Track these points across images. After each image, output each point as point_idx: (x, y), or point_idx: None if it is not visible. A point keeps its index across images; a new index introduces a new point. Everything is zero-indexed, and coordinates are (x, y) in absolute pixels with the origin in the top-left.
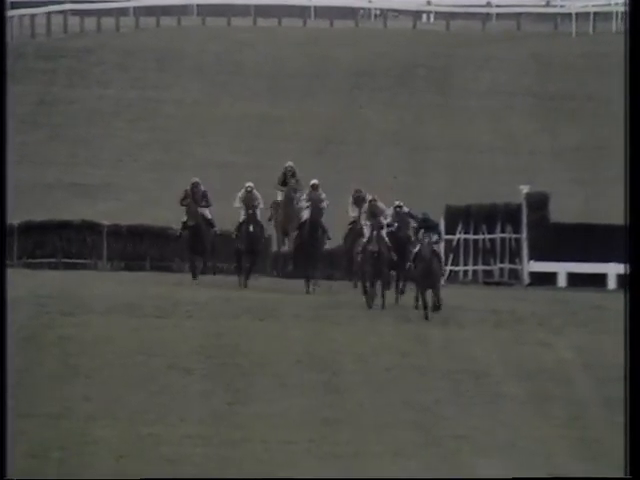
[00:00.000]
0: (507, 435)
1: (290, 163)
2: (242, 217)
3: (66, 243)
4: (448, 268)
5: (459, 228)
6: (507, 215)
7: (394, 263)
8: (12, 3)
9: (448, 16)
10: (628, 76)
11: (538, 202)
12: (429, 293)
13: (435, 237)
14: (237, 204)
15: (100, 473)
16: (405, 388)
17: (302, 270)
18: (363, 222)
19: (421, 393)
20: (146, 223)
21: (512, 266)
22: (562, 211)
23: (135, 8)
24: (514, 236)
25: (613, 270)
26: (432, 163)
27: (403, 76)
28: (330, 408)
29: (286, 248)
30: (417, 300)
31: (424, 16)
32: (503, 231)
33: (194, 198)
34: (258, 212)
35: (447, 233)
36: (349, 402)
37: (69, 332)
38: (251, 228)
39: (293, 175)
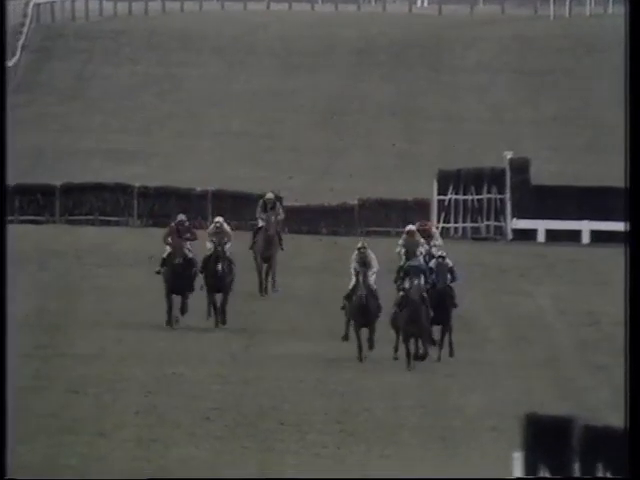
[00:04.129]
0: (491, 374)
1: (270, 195)
2: (209, 252)
3: (101, 203)
4: (440, 225)
5: (450, 190)
6: (493, 178)
7: (436, 318)
8: None
9: (440, 1)
10: (628, 54)
11: (520, 166)
12: (412, 342)
13: (423, 281)
14: (208, 243)
15: (131, 406)
16: None
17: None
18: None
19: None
20: (171, 185)
21: (497, 223)
22: (542, 174)
23: None
24: (499, 197)
25: (587, 227)
26: (426, 132)
27: (399, 54)
28: (335, 351)
29: (264, 275)
30: (397, 350)
31: (419, 1)
32: (489, 192)
33: (179, 235)
34: (227, 248)
35: (439, 194)
36: (352, 347)
37: (103, 282)
38: (219, 267)
39: (273, 206)
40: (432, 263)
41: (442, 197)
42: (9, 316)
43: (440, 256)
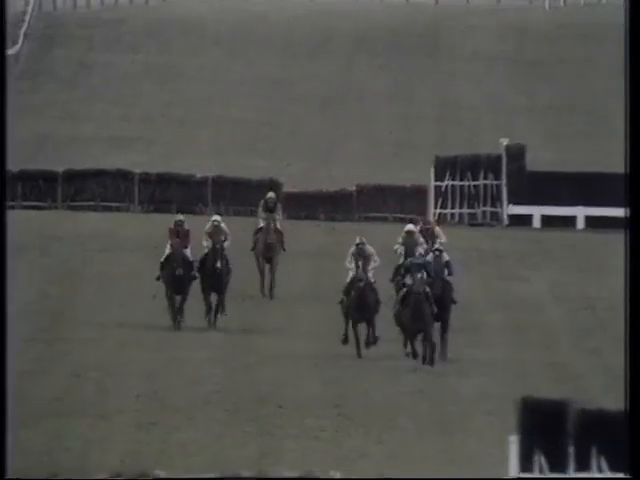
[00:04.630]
0: (488, 358)
1: (271, 194)
2: (206, 250)
3: (103, 189)
4: (437, 211)
5: (447, 176)
6: (489, 164)
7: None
8: None
9: None
10: (628, 42)
11: (516, 153)
12: (418, 340)
13: (425, 276)
14: (204, 241)
15: (132, 390)
16: None
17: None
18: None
19: None
20: (172, 171)
21: (493, 209)
22: (537, 161)
23: None
24: (495, 183)
25: (582, 212)
26: (423, 119)
27: (397, 43)
28: (333, 335)
29: (267, 275)
30: (406, 346)
31: None
32: (485, 178)
33: (178, 236)
34: (225, 246)
35: (436, 180)
36: (349, 330)
37: (105, 267)
38: (218, 264)
39: (274, 205)
40: (429, 257)
41: (439, 183)
42: (12, 301)
43: (437, 249)
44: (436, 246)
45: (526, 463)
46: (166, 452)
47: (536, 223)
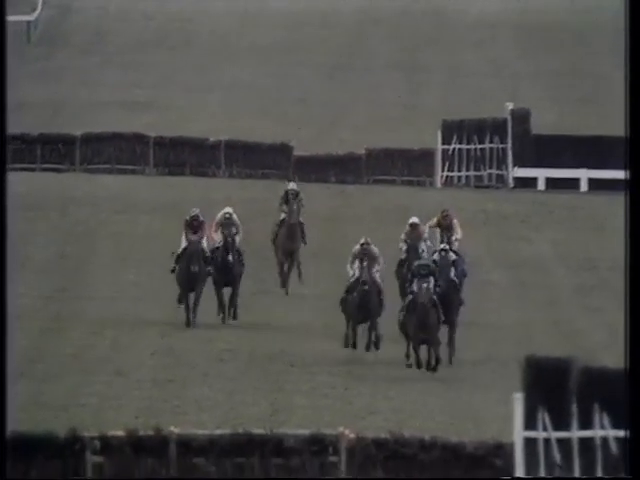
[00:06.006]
0: (493, 317)
1: (293, 185)
2: (218, 244)
3: (119, 152)
4: (444, 174)
5: (454, 139)
6: (495, 128)
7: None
8: None
9: None
10: (629, 9)
11: (521, 117)
12: (424, 349)
13: (432, 283)
14: (217, 235)
15: (147, 347)
16: None
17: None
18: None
19: None
20: (186, 135)
21: (499, 172)
22: (541, 124)
23: None
24: (501, 146)
25: (585, 175)
26: (429, 84)
27: (403, 11)
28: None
29: (286, 270)
30: (408, 357)
31: None
32: (491, 142)
33: (194, 231)
34: (237, 239)
35: (443, 144)
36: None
37: (121, 228)
38: (229, 257)
39: (295, 197)
40: (435, 256)
41: (446, 147)
42: (31, 261)
43: (442, 249)
44: (442, 246)
45: (530, 420)
46: (180, 408)
47: (540, 185)
